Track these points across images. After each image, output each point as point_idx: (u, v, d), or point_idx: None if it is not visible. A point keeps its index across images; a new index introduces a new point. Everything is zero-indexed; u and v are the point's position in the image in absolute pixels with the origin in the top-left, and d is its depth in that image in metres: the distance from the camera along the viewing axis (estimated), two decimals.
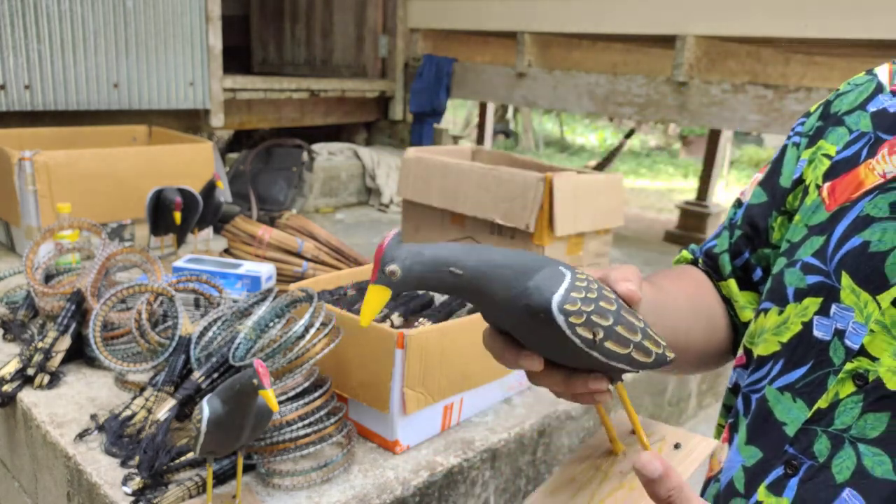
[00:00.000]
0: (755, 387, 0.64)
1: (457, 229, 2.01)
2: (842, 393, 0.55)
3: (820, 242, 0.60)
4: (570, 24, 2.99)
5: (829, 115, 0.67)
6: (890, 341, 0.53)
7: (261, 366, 0.86)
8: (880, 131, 0.61)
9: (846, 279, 0.57)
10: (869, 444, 0.53)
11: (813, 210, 0.63)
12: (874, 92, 0.64)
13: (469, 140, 8.15)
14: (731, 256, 0.74)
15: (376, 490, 1.09)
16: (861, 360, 0.55)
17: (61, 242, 1.68)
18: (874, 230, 0.57)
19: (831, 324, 0.58)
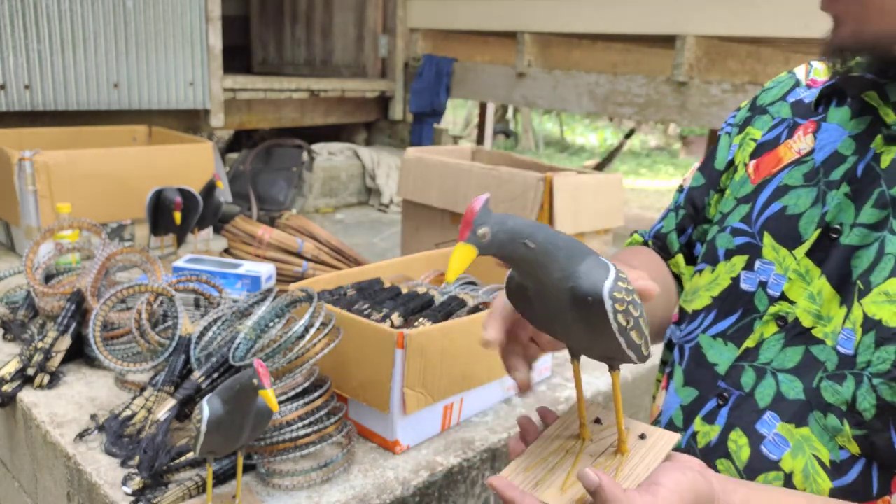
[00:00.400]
0: (688, 337, 0.75)
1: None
2: (766, 333, 0.67)
3: (746, 210, 0.72)
4: (570, 24, 2.99)
5: (756, 106, 0.80)
6: (805, 287, 0.65)
7: (261, 366, 0.86)
8: (797, 117, 0.74)
9: (767, 238, 0.69)
10: (786, 373, 0.64)
11: (741, 184, 0.75)
12: (793, 86, 0.77)
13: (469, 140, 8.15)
14: (678, 234, 0.85)
15: (376, 490, 1.09)
16: (782, 304, 0.66)
17: (61, 242, 1.68)
18: (790, 196, 0.69)
19: (756, 277, 0.69)
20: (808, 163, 0.69)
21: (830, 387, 0.60)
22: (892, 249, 0.59)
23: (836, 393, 0.60)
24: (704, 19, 2.56)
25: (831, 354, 0.61)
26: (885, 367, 0.57)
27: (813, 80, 0.76)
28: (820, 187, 0.67)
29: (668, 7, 2.63)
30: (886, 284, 0.58)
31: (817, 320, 0.63)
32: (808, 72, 0.77)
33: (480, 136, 4.47)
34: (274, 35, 4.23)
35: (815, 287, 0.64)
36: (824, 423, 0.61)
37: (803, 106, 0.74)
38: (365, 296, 1.33)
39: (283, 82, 3.31)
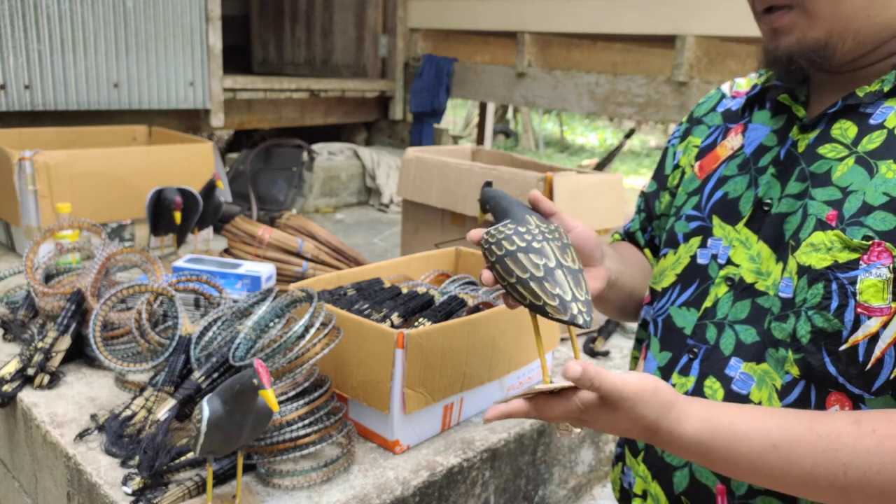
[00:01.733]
0: (660, 312, 0.88)
1: (457, 229, 2.01)
2: (719, 293, 0.81)
3: (696, 200, 0.88)
4: (570, 24, 2.99)
5: (693, 118, 0.98)
6: (745, 251, 0.79)
7: (261, 366, 0.86)
8: (728, 122, 0.91)
9: (715, 220, 0.84)
10: (741, 324, 0.78)
11: (689, 182, 0.91)
12: (720, 99, 0.96)
13: (469, 140, 8.14)
14: (642, 232, 1.03)
15: (376, 490, 1.09)
16: (729, 268, 0.81)
17: (61, 242, 1.68)
18: (729, 184, 0.85)
19: (708, 252, 0.84)
20: (740, 156, 0.86)
21: (778, 326, 0.74)
22: (813, 211, 0.73)
23: (782, 330, 0.73)
24: (704, 19, 2.56)
25: (775, 301, 0.75)
26: (817, 300, 0.70)
27: (736, 91, 0.94)
28: (751, 173, 0.83)
29: (668, 7, 2.63)
30: (811, 237, 0.72)
31: (758, 276, 0.77)
32: (731, 86, 0.96)
33: (480, 136, 4.47)
34: (274, 35, 4.23)
35: (754, 251, 0.79)
36: (776, 356, 0.74)
37: (731, 113, 0.92)
38: (365, 296, 1.33)
39: (283, 82, 3.31)
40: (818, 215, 0.72)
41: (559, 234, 0.76)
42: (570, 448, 1.50)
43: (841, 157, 0.74)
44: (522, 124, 10.21)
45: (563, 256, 0.74)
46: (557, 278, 0.72)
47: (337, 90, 3.54)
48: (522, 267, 0.73)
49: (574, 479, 1.55)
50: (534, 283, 0.72)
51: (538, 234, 0.75)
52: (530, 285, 0.72)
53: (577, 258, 0.76)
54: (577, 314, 0.71)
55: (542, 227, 0.75)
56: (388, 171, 3.29)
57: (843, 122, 0.75)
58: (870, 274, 0.68)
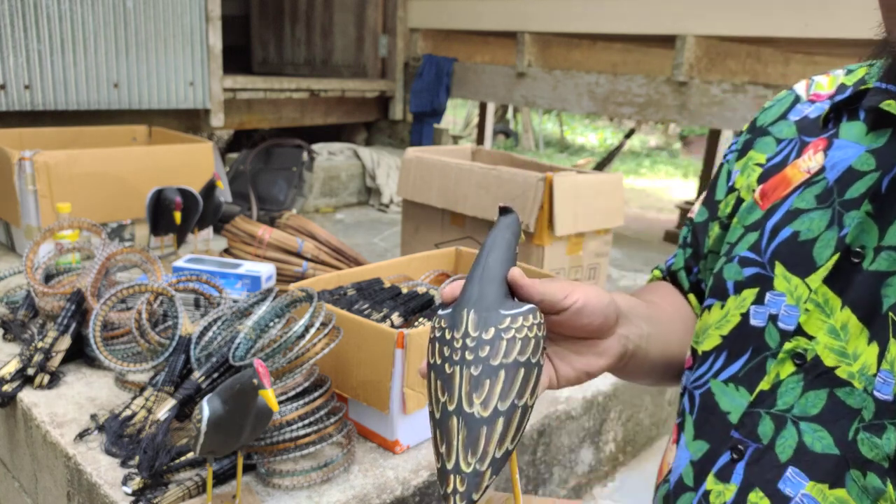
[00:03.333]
0: (698, 382, 0.67)
1: (457, 229, 2.01)
2: (782, 374, 0.58)
3: (755, 237, 0.66)
4: (570, 24, 2.99)
5: (756, 128, 0.74)
6: (824, 319, 0.57)
7: (261, 366, 0.86)
8: (804, 135, 0.68)
9: (779, 268, 0.62)
10: (810, 422, 0.56)
11: (748, 211, 0.69)
12: (793, 103, 0.72)
13: (469, 140, 8.15)
14: (686, 273, 0.80)
15: (376, 490, 1.09)
16: (798, 339, 0.58)
17: (61, 242, 1.68)
18: (802, 220, 0.62)
19: (766, 311, 0.61)
20: (819, 183, 0.63)
21: (868, 439, 0.52)
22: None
23: (875, 447, 0.52)
24: (704, 19, 2.56)
25: (867, 402, 0.53)
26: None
27: (815, 94, 0.71)
28: (835, 208, 0.60)
29: (668, 7, 2.63)
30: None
31: (841, 358, 0.55)
32: (808, 87, 0.73)
33: (480, 136, 4.47)
34: (274, 35, 4.23)
35: (836, 320, 0.56)
36: (862, 483, 0.52)
37: (809, 122, 0.69)
38: (365, 296, 1.33)
39: (283, 82, 3.31)
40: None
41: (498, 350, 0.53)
42: (570, 448, 1.50)
43: None
44: (522, 124, 10.21)
45: (475, 393, 0.52)
46: (448, 430, 0.52)
47: (337, 90, 3.54)
48: (429, 395, 0.55)
49: (574, 479, 1.55)
50: (431, 421, 0.55)
51: (460, 349, 0.54)
52: (431, 423, 0.55)
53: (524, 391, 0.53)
54: (450, 493, 0.51)
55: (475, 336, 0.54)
56: (388, 171, 3.29)
57: None
58: None
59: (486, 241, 0.59)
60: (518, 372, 0.53)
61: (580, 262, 1.94)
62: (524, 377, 0.53)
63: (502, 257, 0.58)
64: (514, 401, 0.52)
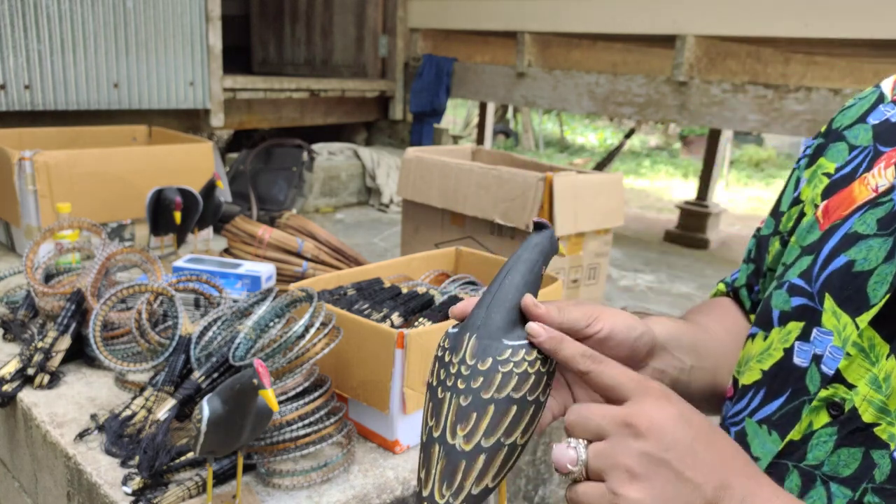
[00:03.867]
0: (736, 419, 0.61)
1: (457, 229, 2.01)
2: (816, 424, 0.51)
3: (808, 262, 0.57)
4: (570, 24, 2.99)
5: (832, 131, 0.64)
6: (868, 367, 0.49)
7: (261, 366, 0.86)
8: (879, 143, 0.58)
9: (829, 301, 0.54)
10: (840, 484, 0.49)
11: (807, 230, 0.60)
12: (875, 103, 0.62)
13: (469, 140, 8.15)
14: (748, 291, 0.72)
15: (376, 490, 1.09)
16: (837, 387, 0.51)
17: (61, 242, 1.68)
18: (860, 248, 0.53)
19: (810, 349, 0.54)
20: (885, 205, 0.53)
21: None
22: None
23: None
24: (704, 19, 2.56)
25: (884, 459, 0.47)
26: None
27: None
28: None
29: (668, 7, 2.63)
30: None
31: (882, 415, 0.48)
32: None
33: (480, 136, 4.47)
34: (274, 35, 4.23)
35: (881, 369, 0.49)
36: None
37: (888, 127, 0.58)
38: (365, 296, 1.33)
39: (283, 82, 3.31)
40: None
41: (491, 383, 0.50)
42: None
43: None
44: (522, 124, 10.21)
45: (459, 424, 0.49)
46: (429, 457, 0.50)
47: (337, 90, 3.54)
48: (423, 415, 0.53)
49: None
50: (420, 445, 0.53)
51: (454, 376, 0.51)
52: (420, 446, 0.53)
53: (513, 430, 0.50)
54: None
55: (471, 365, 0.51)
56: (388, 171, 3.29)
57: None
58: None
59: (508, 260, 0.55)
60: (509, 409, 0.50)
61: (580, 262, 1.94)
62: (515, 415, 0.50)
63: (521, 280, 0.54)
64: (501, 439, 0.49)
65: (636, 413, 0.44)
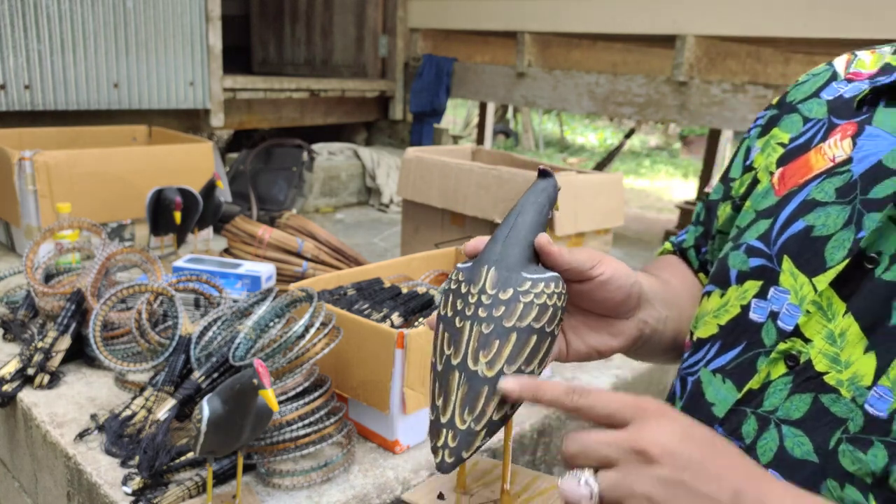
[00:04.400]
0: (692, 369, 0.64)
1: (457, 229, 2.01)
2: (773, 374, 0.56)
3: (766, 226, 0.61)
4: (570, 24, 2.99)
5: (785, 103, 0.68)
6: (824, 324, 0.54)
7: (261, 366, 0.86)
8: (834, 116, 0.62)
9: (787, 263, 0.58)
10: (791, 426, 0.54)
11: (763, 195, 0.64)
12: (829, 80, 0.66)
13: (469, 140, 8.15)
14: (696, 251, 0.78)
15: (376, 490, 1.09)
16: (795, 341, 0.55)
17: (61, 242, 1.68)
18: (818, 214, 0.57)
19: (767, 306, 0.58)
20: (843, 174, 0.57)
21: (851, 453, 0.50)
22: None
23: (859, 461, 0.49)
24: (704, 19, 2.56)
25: (855, 412, 0.50)
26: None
27: (855, 72, 0.64)
28: (855, 206, 0.55)
29: (668, 7, 2.63)
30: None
31: (832, 364, 0.53)
32: (849, 62, 0.65)
33: (480, 136, 4.47)
34: (274, 35, 4.23)
35: (836, 325, 0.53)
36: (840, 494, 0.50)
37: (842, 102, 0.62)
38: (365, 296, 1.33)
39: (283, 82, 3.31)
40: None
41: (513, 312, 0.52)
42: None
43: None
44: (522, 124, 10.21)
45: (482, 351, 0.51)
46: (448, 384, 0.51)
47: (337, 90, 3.54)
48: (433, 346, 0.54)
49: None
50: (431, 374, 0.54)
51: (474, 305, 0.52)
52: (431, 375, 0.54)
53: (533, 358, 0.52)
54: (440, 447, 0.50)
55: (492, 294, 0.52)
56: (388, 171, 3.29)
57: None
58: None
59: (517, 203, 0.57)
60: (530, 338, 0.51)
61: None
62: (535, 344, 0.52)
63: (532, 220, 0.56)
64: (522, 366, 0.51)
65: (643, 438, 0.45)
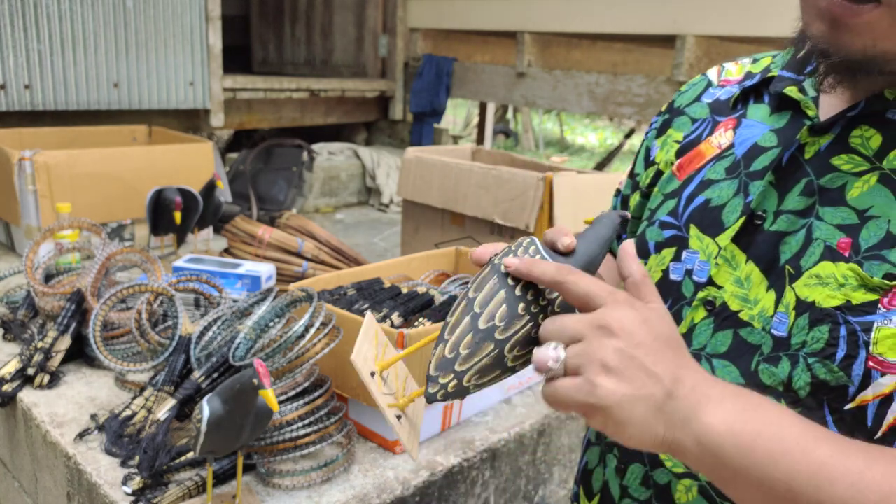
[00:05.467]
0: None
1: (457, 229, 2.01)
2: (696, 318, 0.68)
3: (673, 204, 0.75)
4: (570, 23, 2.99)
5: (674, 109, 0.84)
6: (731, 271, 0.67)
7: (261, 366, 0.86)
8: (716, 115, 0.78)
9: (693, 230, 0.71)
10: (720, 358, 0.66)
11: (667, 182, 0.78)
12: (706, 87, 0.82)
13: (469, 140, 8.14)
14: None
15: (376, 490, 1.09)
16: (709, 289, 0.68)
17: (61, 242, 1.68)
18: (713, 189, 0.71)
19: (682, 266, 0.71)
20: (728, 157, 0.72)
21: (767, 369, 0.62)
22: (820, 235, 0.61)
23: (773, 375, 0.62)
24: (704, 19, 2.56)
25: (765, 339, 0.63)
26: (819, 346, 0.59)
27: (726, 80, 0.81)
28: (741, 178, 0.70)
29: (668, 7, 2.63)
30: (817, 268, 0.60)
31: (744, 303, 0.65)
32: (719, 73, 0.82)
33: (480, 136, 4.48)
34: (274, 35, 4.23)
35: (741, 272, 0.66)
36: None
37: (720, 104, 0.78)
38: (365, 296, 1.33)
39: (283, 82, 3.31)
40: (827, 241, 0.61)
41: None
42: (570, 448, 1.50)
43: (860, 172, 0.61)
44: (522, 124, 10.21)
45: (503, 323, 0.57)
46: (480, 348, 0.56)
47: (337, 90, 3.54)
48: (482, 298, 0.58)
49: (574, 479, 1.55)
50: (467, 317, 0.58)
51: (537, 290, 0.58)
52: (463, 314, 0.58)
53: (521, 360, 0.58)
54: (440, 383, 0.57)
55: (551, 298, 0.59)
56: (388, 171, 3.29)
57: (865, 129, 0.62)
58: (889, 322, 0.56)
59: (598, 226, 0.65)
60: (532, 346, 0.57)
61: None
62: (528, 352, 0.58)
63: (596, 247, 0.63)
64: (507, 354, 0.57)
65: (608, 316, 0.52)
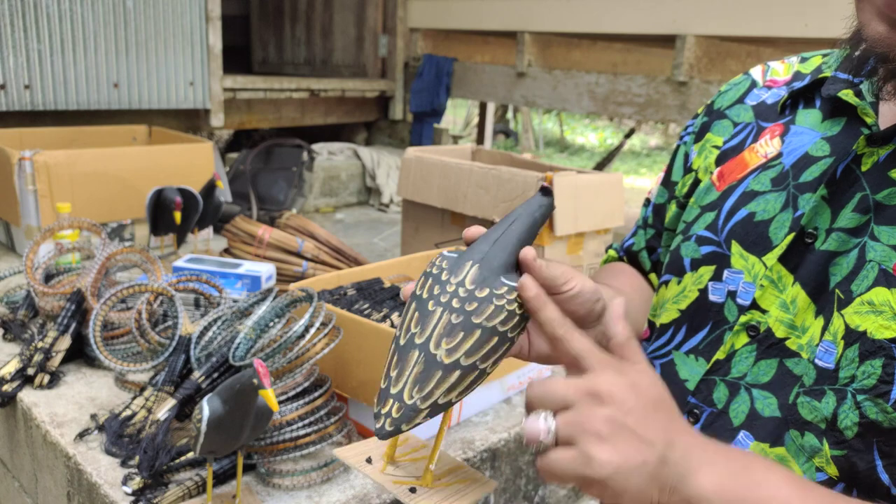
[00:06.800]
0: (659, 353, 0.70)
1: (457, 229, 2.01)
2: (737, 344, 0.63)
3: (711, 217, 0.69)
4: (570, 23, 2.99)
5: (713, 111, 0.77)
6: (777, 294, 0.61)
7: (261, 365, 0.86)
8: (761, 120, 0.71)
9: (735, 246, 0.65)
10: (760, 389, 0.61)
11: (705, 192, 0.71)
12: (749, 88, 0.75)
13: (469, 140, 8.14)
14: (648, 253, 0.83)
15: (376, 489, 1.09)
16: (753, 313, 0.62)
17: (61, 242, 1.68)
18: (758, 202, 0.65)
19: (724, 287, 0.65)
20: (775, 167, 0.66)
21: (808, 403, 0.57)
22: (874, 256, 0.56)
23: (815, 409, 0.56)
24: (704, 19, 2.56)
25: (808, 368, 0.57)
26: (871, 383, 0.53)
27: (772, 80, 0.74)
28: (789, 191, 0.64)
29: (668, 7, 2.63)
30: (870, 294, 0.55)
31: (791, 331, 0.60)
32: (764, 72, 0.76)
33: (480, 136, 4.47)
34: (274, 35, 4.22)
35: (788, 295, 0.60)
36: (801, 442, 0.57)
37: (766, 108, 0.72)
38: (365, 296, 1.33)
39: (283, 82, 3.31)
40: (882, 263, 0.55)
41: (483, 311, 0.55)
42: None
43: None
44: (522, 124, 10.21)
45: (446, 338, 0.54)
46: (406, 359, 0.54)
47: (337, 90, 3.54)
48: (401, 321, 0.57)
49: None
50: (392, 345, 0.56)
51: (450, 294, 0.55)
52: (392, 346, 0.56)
53: (489, 357, 0.55)
54: (382, 414, 0.53)
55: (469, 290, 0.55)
56: (388, 170, 3.29)
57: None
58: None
59: (515, 210, 0.60)
60: (491, 338, 0.55)
61: (580, 261, 1.94)
62: (494, 345, 0.55)
63: (523, 231, 0.59)
64: (477, 362, 0.54)
65: (598, 383, 0.50)
